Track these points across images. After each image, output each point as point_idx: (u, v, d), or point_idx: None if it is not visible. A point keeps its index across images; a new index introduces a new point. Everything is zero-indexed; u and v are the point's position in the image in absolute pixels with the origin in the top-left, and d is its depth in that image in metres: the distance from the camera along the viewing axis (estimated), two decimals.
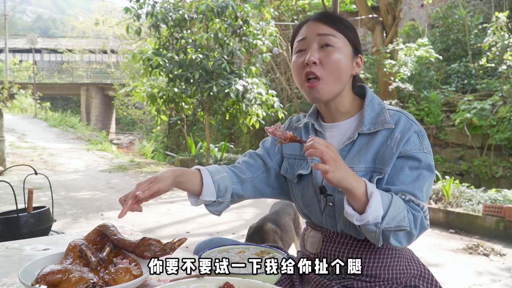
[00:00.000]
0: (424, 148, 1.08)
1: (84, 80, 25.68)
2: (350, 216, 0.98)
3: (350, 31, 1.15)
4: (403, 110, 1.14)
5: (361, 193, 0.96)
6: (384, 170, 1.07)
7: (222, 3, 7.25)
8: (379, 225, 0.97)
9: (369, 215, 0.95)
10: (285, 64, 11.11)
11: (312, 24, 1.15)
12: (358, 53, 1.17)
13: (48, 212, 1.94)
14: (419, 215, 1.03)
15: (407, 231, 1.00)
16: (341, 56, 1.11)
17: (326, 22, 1.13)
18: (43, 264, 0.96)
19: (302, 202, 1.23)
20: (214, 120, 9.04)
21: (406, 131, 1.08)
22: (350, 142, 1.13)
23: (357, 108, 1.20)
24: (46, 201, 5.13)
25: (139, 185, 1.04)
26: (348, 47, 1.14)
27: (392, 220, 0.97)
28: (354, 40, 1.16)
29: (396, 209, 0.98)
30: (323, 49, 1.11)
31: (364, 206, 0.97)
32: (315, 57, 1.10)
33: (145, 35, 12.71)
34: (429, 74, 8.92)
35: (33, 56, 20.97)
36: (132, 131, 23.96)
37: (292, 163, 1.26)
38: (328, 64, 1.10)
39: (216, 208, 1.22)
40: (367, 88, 1.21)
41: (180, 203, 6.04)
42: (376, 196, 0.96)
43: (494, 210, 4.61)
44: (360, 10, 9.47)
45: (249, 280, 0.83)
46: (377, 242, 1.00)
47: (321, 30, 1.12)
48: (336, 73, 1.11)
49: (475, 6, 10.74)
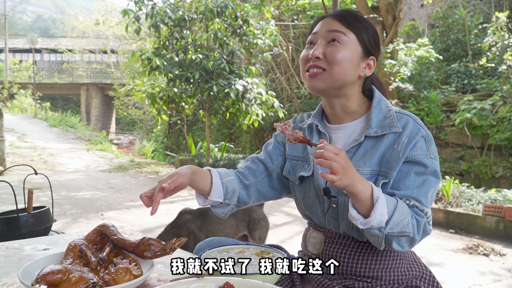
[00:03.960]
0: (430, 154, 1.07)
1: (84, 80, 25.68)
2: (355, 220, 0.99)
3: (367, 32, 1.14)
4: (411, 114, 1.13)
5: (367, 198, 0.96)
6: (390, 174, 1.07)
7: (221, 3, 7.25)
8: (382, 230, 0.97)
9: (374, 219, 0.95)
10: (285, 64, 11.10)
11: (328, 20, 1.15)
12: (370, 55, 1.15)
13: (48, 212, 1.94)
14: (423, 220, 1.03)
15: (410, 237, 1.01)
16: (347, 53, 1.10)
17: (341, 20, 1.13)
18: (43, 264, 0.96)
19: (304, 203, 1.22)
20: (214, 120, 9.05)
21: (413, 135, 1.07)
22: (356, 145, 1.12)
23: (365, 110, 1.18)
24: (46, 201, 5.13)
25: (161, 181, 1.06)
26: (357, 47, 1.12)
27: (396, 225, 0.97)
28: (368, 41, 1.14)
29: (400, 215, 0.98)
30: (329, 45, 1.11)
31: (369, 210, 0.97)
32: (320, 51, 1.11)
33: (145, 34, 12.72)
34: (429, 74, 8.92)
35: (33, 56, 20.96)
36: (132, 131, 23.95)
37: (294, 165, 1.25)
38: (331, 58, 1.10)
39: (222, 210, 1.23)
40: (375, 89, 1.20)
41: (180, 203, 6.04)
42: (381, 201, 0.96)
43: (494, 210, 4.61)
44: (360, 10, 9.46)
45: (249, 280, 0.83)
46: (379, 246, 1.01)
47: (332, 26, 1.13)
48: (338, 68, 1.10)
49: (475, 6, 10.74)
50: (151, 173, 9.00)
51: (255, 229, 2.87)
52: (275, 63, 11.30)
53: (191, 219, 2.80)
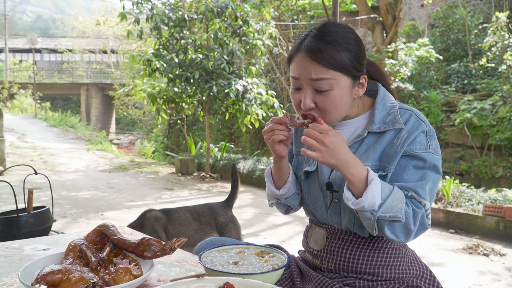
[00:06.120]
0: (431, 148, 1.07)
1: (84, 80, 25.69)
2: (347, 200, 1.01)
3: (349, 53, 1.06)
4: (415, 109, 1.13)
5: (360, 180, 0.98)
6: (388, 168, 1.07)
7: (221, 3, 7.26)
8: (374, 213, 0.98)
9: (365, 200, 0.97)
10: (285, 64, 11.10)
11: (303, 60, 1.06)
12: (359, 76, 1.10)
13: (48, 212, 1.94)
14: (420, 211, 1.03)
15: (403, 224, 1.01)
16: (338, 94, 1.06)
17: (318, 60, 1.04)
18: (43, 264, 0.96)
19: (308, 198, 1.23)
20: (214, 120, 9.05)
21: (413, 130, 1.07)
22: (359, 140, 1.13)
23: (368, 106, 1.19)
24: (46, 201, 5.13)
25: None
26: (345, 81, 1.07)
27: (389, 210, 0.98)
28: (353, 65, 1.06)
29: (394, 200, 0.99)
30: (318, 93, 1.07)
31: (362, 192, 0.99)
32: (311, 103, 1.08)
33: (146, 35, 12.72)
34: (429, 74, 8.93)
35: (33, 56, 20.99)
36: (132, 131, 23.93)
37: (301, 160, 1.27)
38: (324, 108, 1.08)
39: (293, 201, 1.26)
40: (379, 86, 1.20)
41: (180, 203, 6.03)
42: (375, 184, 0.98)
43: (494, 210, 4.61)
44: (360, 10, 9.48)
45: (249, 280, 0.83)
46: (372, 230, 1.02)
47: (313, 73, 1.05)
48: (335, 112, 1.09)
49: (475, 6, 10.75)
50: (151, 173, 9.00)
51: (225, 232, 2.92)
52: (275, 63, 11.30)
53: (155, 219, 2.84)
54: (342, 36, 1.06)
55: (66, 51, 27.46)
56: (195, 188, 7.42)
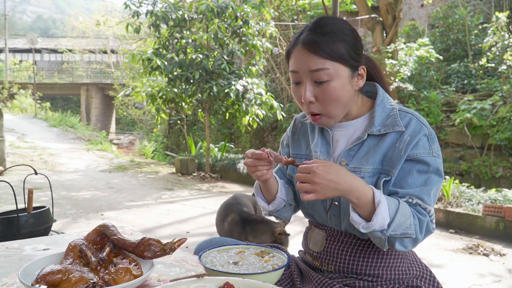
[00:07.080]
0: (433, 152, 1.07)
1: (84, 80, 25.69)
2: (357, 224, 0.99)
3: (346, 44, 1.06)
4: (415, 112, 1.13)
5: (367, 203, 0.97)
6: (391, 172, 1.06)
7: (222, 4, 7.26)
8: (385, 232, 0.97)
9: (376, 224, 0.96)
10: (285, 64, 11.10)
11: (301, 53, 1.06)
12: (358, 66, 1.10)
13: (48, 212, 1.94)
14: (425, 219, 1.03)
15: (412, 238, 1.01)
16: (338, 85, 1.06)
17: (315, 51, 1.04)
18: (43, 264, 0.96)
19: (306, 202, 1.23)
20: (214, 120, 9.04)
21: (415, 134, 1.07)
22: (359, 143, 1.12)
23: (367, 108, 1.18)
24: (46, 201, 5.13)
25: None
26: (344, 71, 1.06)
27: (399, 227, 0.97)
28: (350, 56, 1.06)
29: (402, 216, 0.98)
30: (318, 85, 1.07)
31: (370, 213, 0.97)
32: (311, 96, 1.07)
33: (145, 35, 12.72)
34: (429, 74, 8.92)
35: (33, 56, 20.98)
36: (132, 131, 23.93)
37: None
38: (325, 100, 1.07)
39: (286, 213, 1.28)
40: (378, 87, 1.19)
41: (180, 203, 6.04)
42: (383, 205, 0.96)
43: (494, 210, 4.60)
44: (360, 10, 9.47)
45: (249, 280, 0.83)
46: (382, 247, 1.01)
47: (312, 64, 1.04)
48: (336, 104, 1.08)
49: (475, 6, 10.75)
50: (151, 173, 9.00)
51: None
52: (275, 63, 11.30)
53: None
54: (338, 27, 1.07)
55: (66, 51, 27.47)
56: (195, 188, 7.42)
